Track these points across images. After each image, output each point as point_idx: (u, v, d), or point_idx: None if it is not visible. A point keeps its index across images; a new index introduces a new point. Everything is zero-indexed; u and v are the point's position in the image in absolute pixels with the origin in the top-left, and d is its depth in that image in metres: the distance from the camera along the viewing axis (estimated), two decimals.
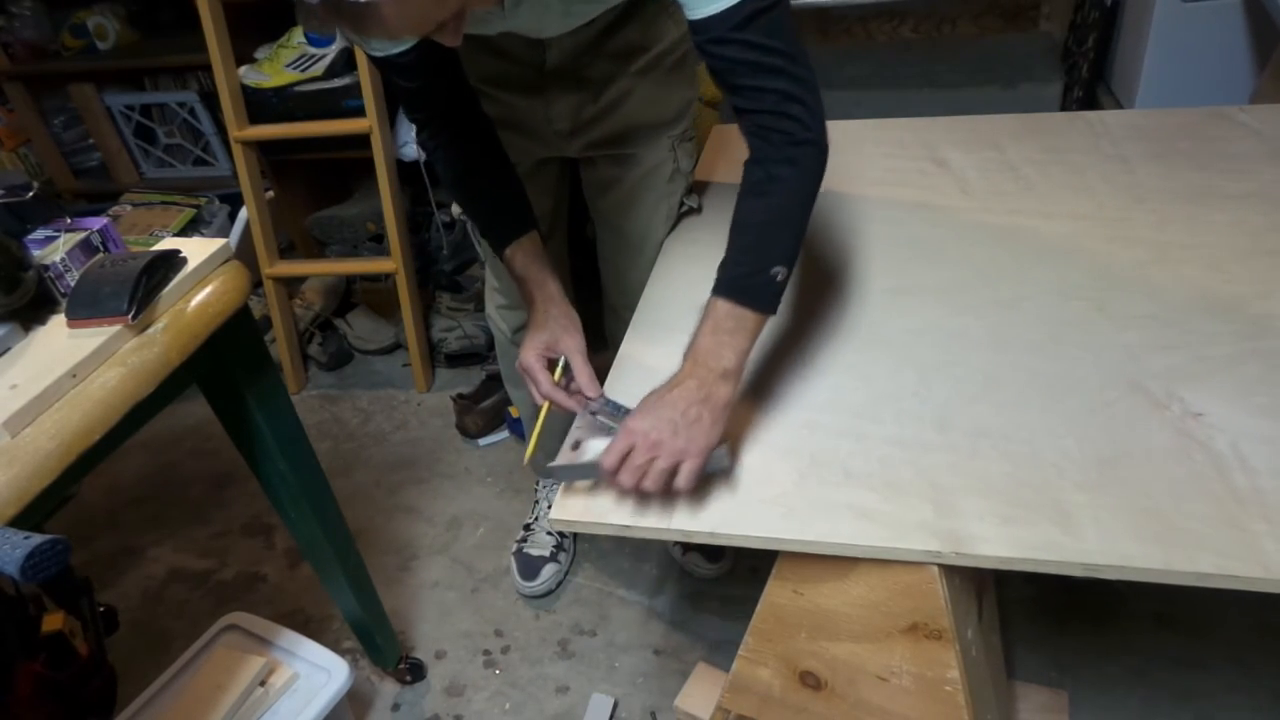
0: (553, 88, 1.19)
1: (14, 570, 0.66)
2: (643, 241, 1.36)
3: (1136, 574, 0.72)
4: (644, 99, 1.22)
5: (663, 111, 1.25)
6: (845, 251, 1.18)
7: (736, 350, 0.85)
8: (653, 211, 1.33)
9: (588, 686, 1.50)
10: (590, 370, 0.99)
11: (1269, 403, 0.85)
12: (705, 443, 0.82)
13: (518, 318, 1.46)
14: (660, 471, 0.82)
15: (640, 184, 1.31)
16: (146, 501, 2.07)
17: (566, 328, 1.03)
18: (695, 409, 0.83)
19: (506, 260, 1.09)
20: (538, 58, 1.16)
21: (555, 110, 1.21)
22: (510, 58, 1.17)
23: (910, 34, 2.65)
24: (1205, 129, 1.33)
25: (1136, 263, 1.07)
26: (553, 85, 1.19)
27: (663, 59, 1.21)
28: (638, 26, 1.16)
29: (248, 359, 1.09)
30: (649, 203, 1.33)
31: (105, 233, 1.00)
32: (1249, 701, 1.32)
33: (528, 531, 1.75)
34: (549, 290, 1.06)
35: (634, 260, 1.38)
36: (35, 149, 2.74)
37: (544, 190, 1.34)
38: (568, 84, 1.19)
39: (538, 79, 1.18)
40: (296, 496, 1.22)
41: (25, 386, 0.83)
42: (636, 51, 1.18)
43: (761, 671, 0.97)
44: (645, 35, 1.17)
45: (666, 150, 1.29)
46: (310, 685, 1.27)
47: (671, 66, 1.22)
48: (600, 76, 1.19)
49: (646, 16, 1.15)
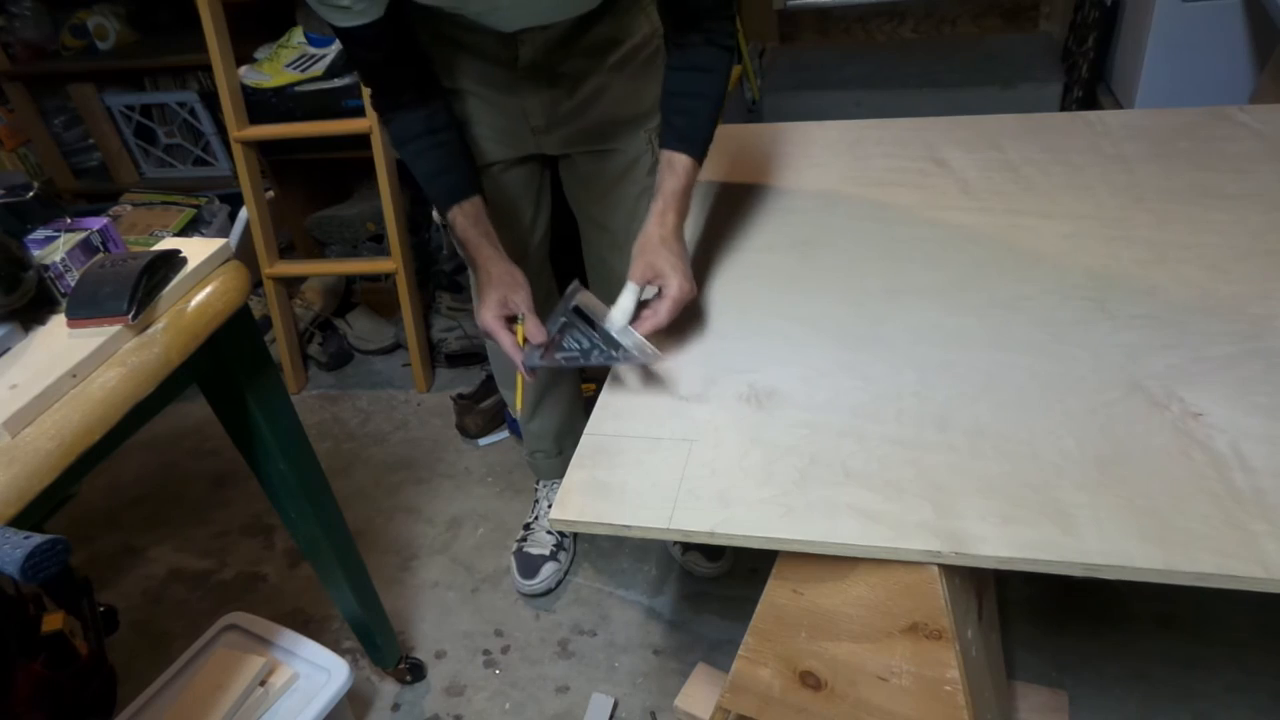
0: (526, 85, 1.20)
1: (14, 570, 0.66)
2: (627, 235, 1.37)
3: (1136, 574, 0.72)
4: (620, 93, 1.23)
5: (638, 105, 1.27)
6: (845, 251, 1.18)
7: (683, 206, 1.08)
8: (635, 204, 1.34)
9: (588, 686, 1.50)
10: (537, 320, 1.02)
11: (1269, 403, 0.85)
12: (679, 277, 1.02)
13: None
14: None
15: (621, 178, 1.33)
16: (146, 501, 2.07)
17: (511, 284, 1.05)
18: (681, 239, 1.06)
19: (450, 221, 1.12)
20: (510, 55, 1.17)
21: (530, 105, 1.23)
22: (484, 56, 1.18)
23: (910, 34, 2.65)
24: (1205, 129, 1.33)
25: (1136, 263, 1.07)
26: (526, 82, 1.20)
27: (636, 53, 1.22)
28: (610, 22, 1.17)
29: (248, 359, 1.09)
30: (631, 196, 1.34)
31: (105, 233, 1.00)
32: (1249, 701, 1.33)
33: (528, 530, 1.75)
34: (488, 251, 1.09)
35: (619, 255, 1.38)
36: (35, 149, 2.74)
37: (523, 193, 1.35)
38: (541, 80, 1.20)
39: (511, 77, 1.19)
40: (296, 496, 1.22)
41: (25, 386, 0.83)
42: (610, 46, 1.19)
43: (761, 671, 0.97)
44: (618, 30, 1.19)
45: (645, 143, 1.30)
46: (310, 685, 1.27)
47: (644, 61, 1.24)
48: (574, 72, 1.20)
49: (619, 11, 1.16)
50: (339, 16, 1.00)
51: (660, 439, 0.93)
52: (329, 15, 1.00)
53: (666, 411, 0.96)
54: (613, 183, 1.33)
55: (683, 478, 0.87)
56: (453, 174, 1.13)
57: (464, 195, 1.12)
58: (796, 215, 1.28)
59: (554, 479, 1.76)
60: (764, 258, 1.19)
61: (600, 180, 1.34)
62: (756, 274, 1.16)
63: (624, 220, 1.36)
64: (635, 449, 0.92)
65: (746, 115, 2.54)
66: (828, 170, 1.37)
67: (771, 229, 1.25)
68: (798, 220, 1.26)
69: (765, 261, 1.19)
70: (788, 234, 1.24)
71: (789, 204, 1.30)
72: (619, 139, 1.29)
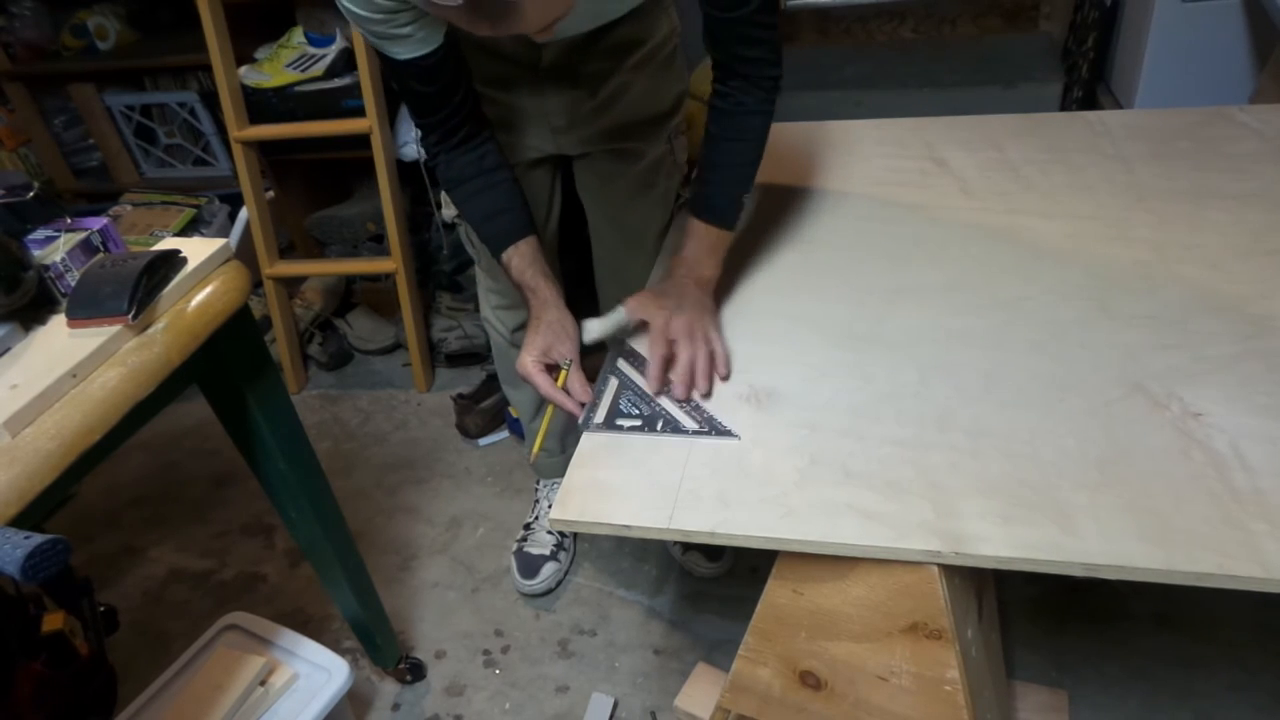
0: (549, 85, 1.20)
1: (14, 570, 0.66)
2: (642, 235, 1.37)
3: (1136, 574, 0.72)
4: (641, 93, 1.23)
5: (659, 104, 1.27)
6: (845, 251, 1.18)
7: (717, 262, 1.07)
8: (653, 204, 1.34)
9: (588, 686, 1.50)
10: (582, 376, 1.01)
11: (1269, 402, 0.85)
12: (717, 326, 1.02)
13: (515, 317, 1.46)
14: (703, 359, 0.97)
15: (640, 177, 1.32)
16: (146, 501, 2.07)
17: (560, 335, 1.04)
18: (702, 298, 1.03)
19: (504, 263, 1.10)
20: (534, 57, 1.16)
21: (551, 105, 1.22)
22: (507, 59, 1.17)
23: (910, 34, 2.65)
24: (1205, 129, 1.33)
25: (1136, 263, 1.07)
26: (549, 83, 1.19)
27: (657, 53, 1.22)
28: (632, 22, 1.16)
29: (248, 359, 1.09)
30: (649, 196, 1.34)
31: (105, 233, 1.00)
32: (1249, 701, 1.33)
33: (528, 530, 1.75)
34: (544, 295, 1.07)
35: (633, 254, 1.38)
36: (35, 149, 2.74)
37: (536, 194, 1.34)
38: (564, 81, 1.20)
39: (534, 78, 1.19)
40: (296, 496, 1.22)
41: (25, 386, 0.83)
42: (632, 46, 1.19)
43: (761, 671, 0.97)
44: (640, 30, 1.18)
45: (664, 143, 1.30)
46: (310, 685, 1.27)
47: (664, 60, 1.24)
48: (596, 72, 1.20)
49: (642, 12, 1.16)
50: (399, 48, 0.97)
51: (661, 439, 0.93)
52: (387, 48, 0.97)
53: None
54: (631, 181, 1.33)
55: (683, 478, 0.87)
56: (508, 215, 1.10)
57: (519, 235, 1.09)
58: (797, 215, 1.28)
59: (555, 478, 1.76)
60: (764, 257, 1.19)
61: (619, 179, 1.33)
62: (757, 274, 1.17)
63: (639, 219, 1.36)
64: (635, 449, 0.92)
65: None
66: (828, 170, 1.37)
67: (772, 229, 1.25)
68: (798, 220, 1.26)
69: (765, 261, 1.19)
70: (788, 234, 1.24)
71: (789, 204, 1.30)
72: (640, 138, 1.29)
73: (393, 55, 0.98)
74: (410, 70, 1.00)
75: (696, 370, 0.97)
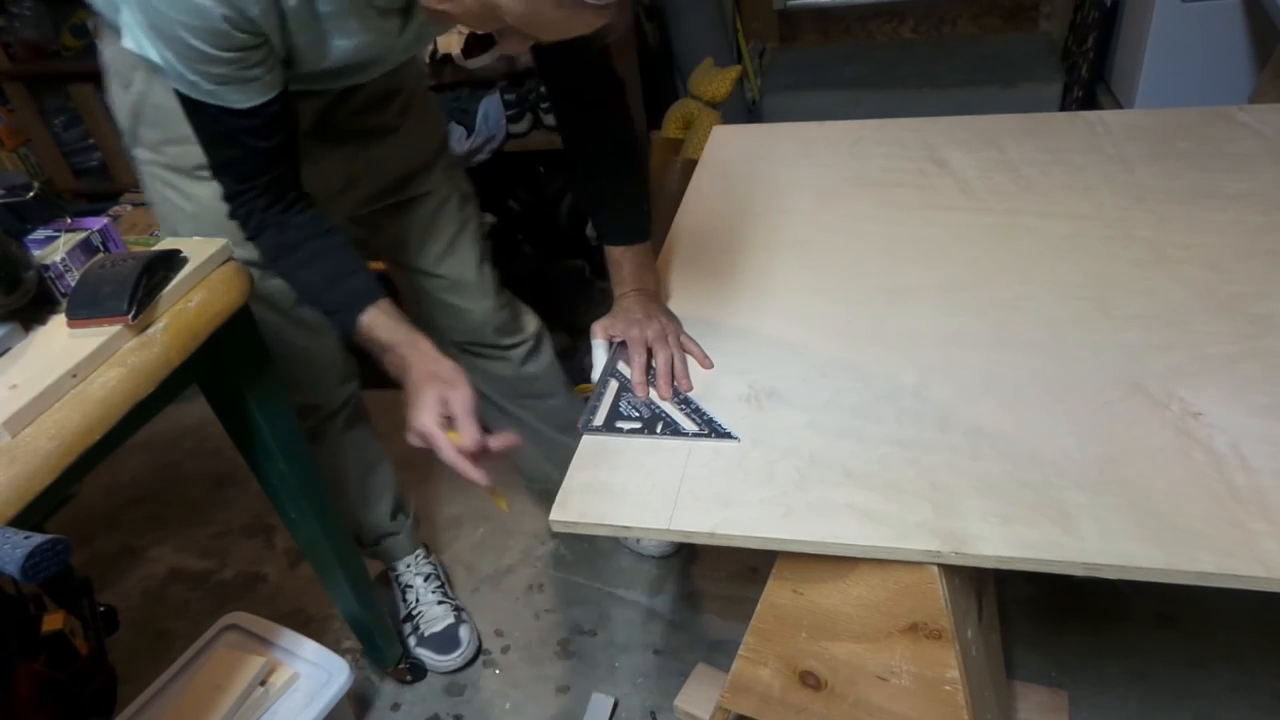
0: (314, 150, 1.09)
1: (14, 570, 0.66)
2: (461, 274, 1.34)
3: (1137, 574, 0.72)
4: (411, 138, 1.23)
5: (430, 144, 1.27)
6: (845, 251, 1.18)
7: (652, 272, 1.13)
8: (457, 241, 1.32)
9: (588, 686, 1.50)
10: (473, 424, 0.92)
11: (1269, 402, 0.85)
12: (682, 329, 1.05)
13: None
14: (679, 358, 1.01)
15: (434, 218, 1.30)
16: (146, 501, 2.07)
17: (450, 380, 0.94)
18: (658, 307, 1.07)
19: (365, 330, 0.98)
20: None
21: (322, 169, 1.12)
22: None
23: (910, 34, 2.65)
24: (1205, 129, 1.33)
25: (1136, 262, 1.07)
26: (314, 148, 1.08)
27: (413, 98, 1.23)
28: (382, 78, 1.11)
29: (248, 359, 1.09)
30: (450, 233, 1.31)
31: (105, 233, 1.00)
32: (1249, 701, 1.33)
33: (414, 619, 1.59)
34: (424, 347, 0.97)
35: (463, 294, 1.35)
36: (35, 149, 2.74)
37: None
38: (327, 142, 1.14)
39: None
40: (296, 496, 1.22)
41: (25, 386, 0.83)
42: (391, 95, 1.18)
43: (761, 671, 0.97)
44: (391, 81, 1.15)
45: (446, 180, 1.29)
46: (310, 685, 1.27)
47: (420, 105, 1.25)
48: (359, 127, 1.17)
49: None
50: (242, 94, 0.88)
51: (660, 439, 0.93)
52: (227, 96, 0.88)
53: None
54: (430, 227, 1.29)
55: (683, 478, 0.87)
56: (358, 275, 0.99)
57: (376, 294, 0.99)
58: (796, 215, 1.28)
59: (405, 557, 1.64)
60: (764, 258, 1.19)
61: (416, 229, 1.29)
62: (756, 274, 1.16)
63: (455, 262, 1.32)
64: (635, 449, 0.92)
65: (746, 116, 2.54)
66: (828, 170, 1.37)
67: (771, 229, 1.25)
68: (798, 220, 1.26)
69: (765, 261, 1.18)
70: (788, 234, 1.24)
71: (789, 204, 1.30)
72: (423, 182, 1.27)
73: (232, 105, 0.88)
74: (250, 122, 0.90)
75: (675, 369, 1.00)
